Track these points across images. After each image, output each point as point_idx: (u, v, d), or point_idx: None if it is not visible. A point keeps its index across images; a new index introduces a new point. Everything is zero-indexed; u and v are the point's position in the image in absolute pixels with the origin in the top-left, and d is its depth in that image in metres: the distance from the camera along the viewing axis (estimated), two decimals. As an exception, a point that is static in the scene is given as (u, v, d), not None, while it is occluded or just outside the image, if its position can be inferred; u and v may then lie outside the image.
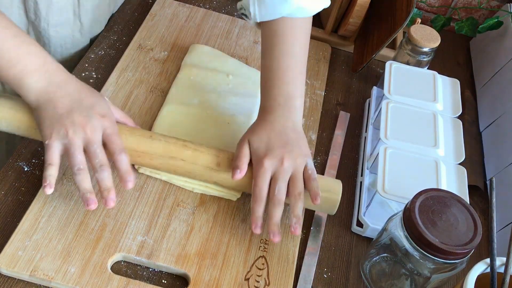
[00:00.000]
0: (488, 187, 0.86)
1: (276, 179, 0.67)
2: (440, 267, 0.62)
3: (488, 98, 0.97)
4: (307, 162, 0.69)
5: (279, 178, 0.67)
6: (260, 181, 0.67)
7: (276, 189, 0.66)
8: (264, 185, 0.67)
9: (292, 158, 0.68)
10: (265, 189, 0.67)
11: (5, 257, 0.62)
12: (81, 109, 0.65)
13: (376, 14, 0.98)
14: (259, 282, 0.66)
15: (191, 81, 0.85)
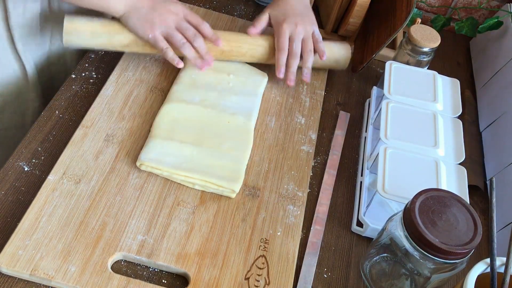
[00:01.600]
0: (488, 187, 0.86)
1: (292, 39, 0.87)
2: (440, 267, 0.62)
3: (488, 98, 0.97)
4: (314, 29, 0.89)
5: (295, 38, 0.87)
6: (282, 37, 0.86)
7: (293, 45, 0.86)
8: (285, 40, 0.86)
9: (304, 24, 0.87)
10: (286, 43, 0.86)
11: (6, 257, 0.62)
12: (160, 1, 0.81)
13: (376, 14, 0.98)
14: (259, 282, 0.66)
15: (192, 79, 0.85)
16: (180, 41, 0.80)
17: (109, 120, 0.79)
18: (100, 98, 0.82)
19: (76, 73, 0.86)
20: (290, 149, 0.82)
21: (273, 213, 0.74)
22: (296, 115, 0.87)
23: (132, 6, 0.79)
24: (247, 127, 0.81)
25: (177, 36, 0.80)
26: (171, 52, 0.81)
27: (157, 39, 0.80)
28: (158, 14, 0.80)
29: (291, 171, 0.79)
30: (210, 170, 0.74)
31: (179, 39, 0.80)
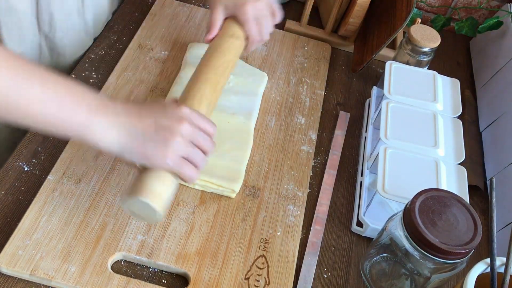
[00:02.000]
0: (488, 187, 0.86)
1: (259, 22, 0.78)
2: (440, 267, 0.62)
3: (488, 98, 0.97)
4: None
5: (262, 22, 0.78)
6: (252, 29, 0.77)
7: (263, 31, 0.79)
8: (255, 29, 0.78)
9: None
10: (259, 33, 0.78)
11: (6, 257, 0.62)
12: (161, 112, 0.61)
13: (376, 14, 0.98)
14: (259, 282, 0.66)
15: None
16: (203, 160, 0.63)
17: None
18: (100, 98, 0.82)
19: (76, 73, 0.86)
20: (290, 149, 0.82)
21: (273, 213, 0.74)
22: (296, 115, 0.87)
23: (130, 133, 0.58)
24: (247, 127, 0.81)
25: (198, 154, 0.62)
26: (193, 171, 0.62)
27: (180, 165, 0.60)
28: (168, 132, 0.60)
29: (291, 171, 0.79)
30: (210, 170, 0.73)
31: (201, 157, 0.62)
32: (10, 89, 0.53)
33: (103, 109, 0.58)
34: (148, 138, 0.59)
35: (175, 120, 0.60)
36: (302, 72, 0.95)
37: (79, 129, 0.57)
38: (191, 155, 0.61)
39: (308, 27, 1.04)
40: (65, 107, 0.56)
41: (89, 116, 0.57)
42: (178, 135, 0.60)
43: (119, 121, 0.58)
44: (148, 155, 0.59)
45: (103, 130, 0.57)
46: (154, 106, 0.62)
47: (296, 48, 0.99)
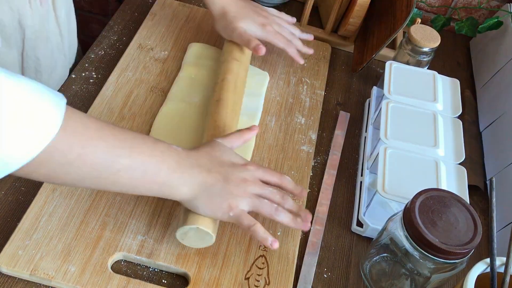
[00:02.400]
0: (488, 187, 0.86)
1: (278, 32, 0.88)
2: (440, 267, 0.62)
3: (488, 98, 0.97)
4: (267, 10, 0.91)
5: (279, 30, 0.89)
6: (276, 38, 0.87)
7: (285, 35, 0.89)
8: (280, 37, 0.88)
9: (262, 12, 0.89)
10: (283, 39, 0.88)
11: (5, 257, 0.62)
12: (229, 170, 0.65)
13: (376, 14, 0.98)
14: (259, 282, 0.66)
15: (192, 79, 0.85)
16: (271, 209, 0.65)
17: (109, 120, 0.79)
18: (100, 98, 0.82)
19: (76, 73, 0.86)
20: (290, 149, 0.82)
21: (273, 213, 0.73)
22: (296, 115, 0.87)
23: (200, 186, 0.62)
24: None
25: (265, 204, 0.65)
26: (261, 229, 0.64)
27: (241, 216, 0.64)
28: (235, 186, 0.64)
29: (291, 171, 0.79)
30: None
31: (269, 207, 0.65)
32: (104, 161, 0.56)
33: (180, 166, 0.62)
34: (215, 192, 0.63)
35: (242, 178, 0.65)
36: (302, 72, 0.95)
37: (161, 188, 0.61)
38: (257, 206, 0.65)
39: (308, 27, 1.04)
40: (150, 171, 0.59)
41: (168, 176, 0.61)
42: (242, 192, 0.64)
43: (193, 175, 0.62)
44: (213, 208, 0.63)
45: (179, 186, 0.61)
46: (224, 158, 0.66)
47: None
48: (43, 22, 0.80)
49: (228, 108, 0.77)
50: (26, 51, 0.79)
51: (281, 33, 0.88)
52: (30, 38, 0.79)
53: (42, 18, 0.80)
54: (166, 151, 0.61)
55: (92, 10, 1.50)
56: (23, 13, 0.75)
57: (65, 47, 0.88)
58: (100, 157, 0.55)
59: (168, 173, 0.60)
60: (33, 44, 0.80)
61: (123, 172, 0.57)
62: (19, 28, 0.76)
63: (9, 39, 0.76)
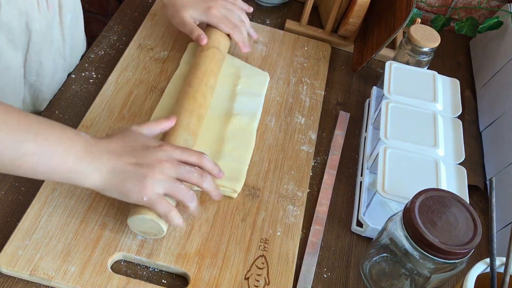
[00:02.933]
0: (488, 187, 0.86)
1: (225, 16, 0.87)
2: (440, 267, 0.62)
3: (488, 98, 0.97)
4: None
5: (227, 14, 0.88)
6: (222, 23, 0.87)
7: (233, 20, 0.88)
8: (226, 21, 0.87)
9: None
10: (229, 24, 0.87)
11: (5, 257, 0.62)
12: (142, 153, 0.63)
13: (376, 14, 0.98)
14: (259, 282, 0.66)
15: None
16: (187, 194, 0.64)
17: (109, 120, 0.79)
18: (100, 98, 0.82)
19: (76, 73, 0.87)
20: (290, 149, 0.82)
21: (273, 213, 0.74)
22: (296, 115, 0.87)
23: (111, 172, 0.61)
24: (250, 128, 0.81)
25: (181, 189, 0.64)
26: (176, 214, 0.64)
27: (155, 201, 0.62)
28: (148, 168, 0.62)
29: (291, 171, 0.79)
30: None
31: (185, 192, 0.64)
32: (7, 145, 0.55)
33: (89, 153, 0.61)
34: (127, 176, 0.61)
35: (156, 159, 0.63)
36: (302, 72, 0.95)
37: (68, 175, 0.60)
38: (173, 190, 0.63)
39: (308, 27, 1.04)
40: (56, 157, 0.58)
41: (76, 162, 0.60)
42: (157, 173, 0.62)
43: (102, 162, 0.61)
44: (125, 191, 0.61)
45: (88, 173, 0.60)
46: (137, 143, 0.65)
47: (296, 48, 0.99)
48: (49, 27, 0.80)
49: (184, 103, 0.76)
50: (30, 54, 0.80)
51: (228, 17, 0.88)
52: (36, 42, 0.79)
53: (48, 23, 0.80)
54: (73, 137, 0.61)
55: (92, 10, 1.50)
56: (32, 17, 0.76)
57: (66, 51, 0.88)
58: (2, 141, 0.55)
59: (76, 160, 0.59)
60: (38, 48, 0.80)
61: (28, 157, 0.56)
62: (26, 32, 0.77)
63: (15, 42, 0.76)
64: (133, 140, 0.65)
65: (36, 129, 0.58)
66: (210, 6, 0.86)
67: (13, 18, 0.74)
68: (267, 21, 1.05)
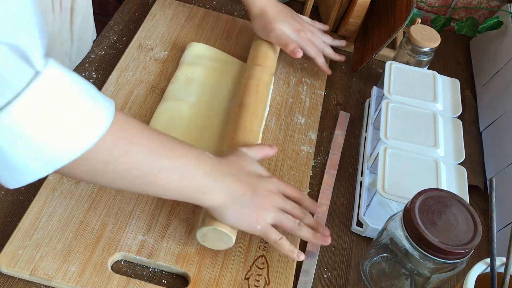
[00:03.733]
0: (488, 187, 0.86)
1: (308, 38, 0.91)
2: (440, 267, 0.62)
3: (488, 98, 0.97)
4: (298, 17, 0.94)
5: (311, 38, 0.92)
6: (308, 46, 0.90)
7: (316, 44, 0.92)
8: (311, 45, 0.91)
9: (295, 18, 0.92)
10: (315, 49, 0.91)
11: (5, 257, 0.62)
12: (257, 181, 0.66)
13: (376, 14, 0.98)
14: (259, 282, 0.66)
15: (189, 78, 0.85)
16: (294, 224, 0.66)
17: (109, 120, 0.79)
18: (100, 98, 0.82)
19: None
20: (290, 149, 0.82)
21: (273, 213, 0.73)
22: (296, 115, 0.87)
23: (232, 194, 0.63)
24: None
25: (288, 220, 0.66)
26: (287, 242, 0.65)
27: (268, 230, 0.65)
28: (262, 198, 0.65)
29: (291, 171, 0.79)
30: None
31: (292, 222, 0.66)
32: (146, 160, 0.56)
33: (215, 172, 0.63)
34: (245, 203, 0.64)
35: (268, 190, 0.66)
36: (302, 72, 0.95)
37: (195, 193, 0.62)
38: (282, 221, 0.66)
39: (308, 27, 1.03)
40: (187, 174, 0.60)
41: (203, 181, 0.62)
42: (269, 204, 0.65)
43: (226, 183, 0.63)
44: (242, 217, 0.64)
45: (213, 191, 0.62)
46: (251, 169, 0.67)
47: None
48: (60, 28, 0.81)
49: (249, 112, 0.77)
50: None
51: (313, 41, 0.91)
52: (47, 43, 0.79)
53: (60, 24, 0.80)
54: (201, 156, 0.63)
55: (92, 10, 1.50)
56: (46, 20, 0.76)
57: (73, 52, 0.88)
58: (143, 156, 0.56)
59: (204, 178, 0.61)
60: (48, 49, 0.80)
61: (162, 173, 0.58)
62: None
63: None
64: (247, 165, 0.68)
65: (171, 145, 0.60)
66: (300, 28, 0.90)
67: None
68: (267, 21, 1.05)
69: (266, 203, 0.65)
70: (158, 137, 0.59)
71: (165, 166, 0.58)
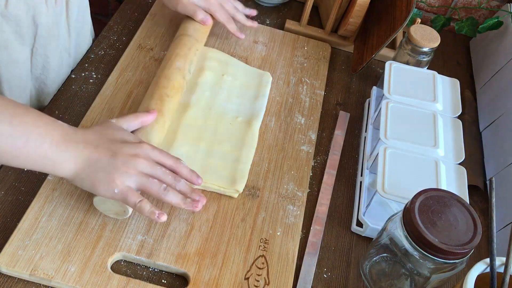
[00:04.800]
0: (488, 187, 0.86)
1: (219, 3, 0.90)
2: (440, 267, 0.62)
3: (488, 98, 0.97)
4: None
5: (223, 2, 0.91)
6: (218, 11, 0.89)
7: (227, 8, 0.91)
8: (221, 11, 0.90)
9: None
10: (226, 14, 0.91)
11: (5, 257, 0.62)
12: (119, 146, 0.64)
13: (376, 14, 0.98)
14: (259, 282, 0.66)
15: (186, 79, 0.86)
16: (160, 188, 0.63)
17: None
18: (100, 98, 0.82)
19: (76, 73, 0.87)
20: (290, 149, 0.82)
21: (273, 213, 0.74)
22: (296, 115, 0.87)
23: (85, 161, 0.61)
24: (252, 128, 0.81)
25: (153, 183, 0.63)
26: (147, 205, 0.62)
27: (126, 193, 0.61)
28: (122, 162, 0.62)
29: (291, 171, 0.79)
30: (214, 170, 0.74)
31: (157, 186, 0.63)
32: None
33: (65, 141, 0.61)
34: (100, 167, 0.61)
35: (132, 154, 0.63)
36: (302, 72, 0.95)
37: (42, 161, 0.60)
38: (145, 185, 0.63)
39: (308, 27, 1.04)
40: (31, 141, 0.58)
41: (51, 148, 0.60)
42: (130, 167, 0.62)
43: (77, 151, 0.61)
44: (96, 182, 0.61)
45: (62, 161, 0.60)
46: (115, 136, 0.65)
47: (296, 48, 0.99)
48: (55, 21, 0.81)
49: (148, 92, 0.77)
50: (37, 48, 0.80)
51: (224, 6, 0.91)
52: (42, 35, 0.79)
53: (55, 17, 0.80)
54: (50, 123, 0.61)
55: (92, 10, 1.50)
56: (39, 10, 0.76)
57: (71, 46, 0.88)
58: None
59: (52, 146, 0.59)
60: (44, 41, 0.80)
61: (3, 138, 0.57)
62: (32, 25, 0.77)
63: (23, 36, 0.77)
64: (112, 133, 0.65)
65: (12, 112, 0.58)
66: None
67: (21, 11, 0.74)
68: (267, 21, 1.05)
69: (127, 167, 0.62)
70: (1, 102, 0.57)
71: (6, 132, 0.56)
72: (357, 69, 0.96)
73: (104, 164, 0.61)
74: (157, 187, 0.63)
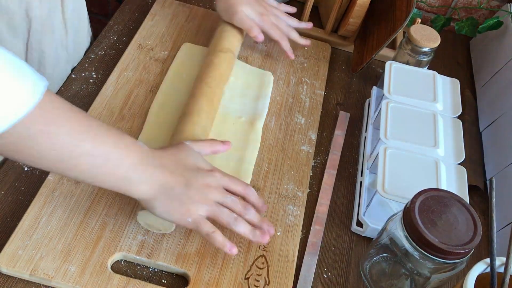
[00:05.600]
0: (488, 187, 0.86)
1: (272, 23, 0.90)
2: (440, 267, 0.62)
3: (488, 98, 0.97)
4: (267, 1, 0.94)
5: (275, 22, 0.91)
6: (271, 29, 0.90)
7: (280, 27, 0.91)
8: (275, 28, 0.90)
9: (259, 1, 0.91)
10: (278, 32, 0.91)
11: (5, 257, 0.62)
12: (193, 175, 0.64)
13: (376, 14, 0.98)
14: (259, 282, 0.66)
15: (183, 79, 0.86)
16: (230, 218, 0.64)
17: (109, 120, 0.79)
18: (100, 98, 0.82)
19: (76, 73, 0.87)
20: (290, 149, 0.82)
21: (273, 213, 0.74)
22: (296, 115, 0.87)
23: (161, 187, 0.61)
24: (256, 128, 0.82)
25: (224, 213, 0.64)
26: (220, 236, 0.63)
27: (200, 222, 0.63)
28: (196, 191, 0.63)
29: (291, 171, 0.79)
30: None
31: (227, 215, 0.64)
32: (65, 143, 0.55)
33: (143, 163, 0.61)
34: (175, 196, 0.62)
35: (205, 184, 0.64)
36: (302, 72, 0.95)
37: (120, 182, 0.60)
38: (216, 214, 0.64)
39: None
40: (111, 162, 0.59)
41: (129, 171, 0.60)
42: (205, 198, 0.63)
43: (154, 175, 0.62)
44: (170, 210, 0.62)
45: (139, 183, 0.61)
46: (189, 162, 0.65)
47: (296, 48, 0.99)
48: (49, 15, 0.80)
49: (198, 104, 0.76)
50: (31, 42, 0.80)
51: (278, 25, 0.91)
52: (36, 29, 0.79)
53: (49, 11, 0.80)
54: (130, 145, 0.61)
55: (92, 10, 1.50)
56: (31, 3, 0.76)
57: (68, 43, 0.88)
58: (64, 138, 0.55)
59: (130, 167, 0.60)
60: (38, 36, 0.80)
61: (85, 157, 0.57)
62: (25, 18, 0.77)
63: (15, 29, 0.76)
64: (186, 157, 0.66)
65: (96, 131, 0.58)
66: (264, 12, 0.89)
67: (12, 3, 0.74)
68: (267, 21, 1.05)
69: (200, 197, 0.63)
70: (86, 122, 0.58)
71: (87, 151, 0.57)
72: (357, 69, 0.96)
73: (179, 193, 0.62)
74: (227, 217, 0.64)
